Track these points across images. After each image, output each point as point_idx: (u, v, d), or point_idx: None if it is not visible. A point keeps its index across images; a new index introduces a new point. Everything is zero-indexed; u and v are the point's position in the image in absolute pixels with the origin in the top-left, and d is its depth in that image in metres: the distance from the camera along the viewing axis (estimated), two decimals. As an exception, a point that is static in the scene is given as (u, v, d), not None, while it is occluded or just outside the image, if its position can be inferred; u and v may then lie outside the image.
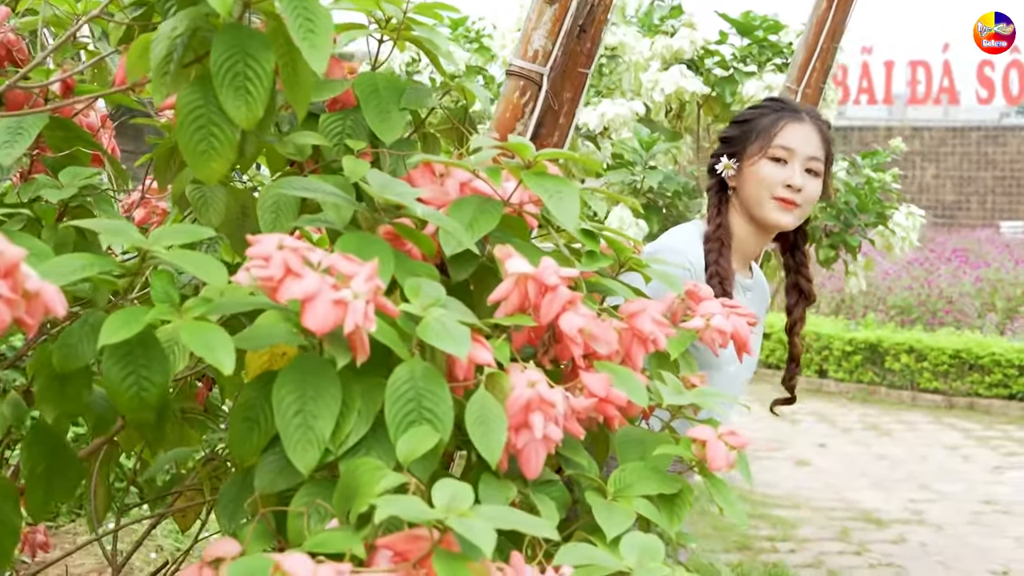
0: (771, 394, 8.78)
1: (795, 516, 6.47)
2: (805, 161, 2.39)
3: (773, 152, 2.39)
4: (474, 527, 1.15)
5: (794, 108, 2.45)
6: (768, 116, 2.43)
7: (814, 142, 2.41)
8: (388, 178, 1.53)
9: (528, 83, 1.94)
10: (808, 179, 2.39)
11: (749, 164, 2.41)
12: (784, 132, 2.40)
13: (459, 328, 1.34)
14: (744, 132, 2.45)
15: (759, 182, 2.39)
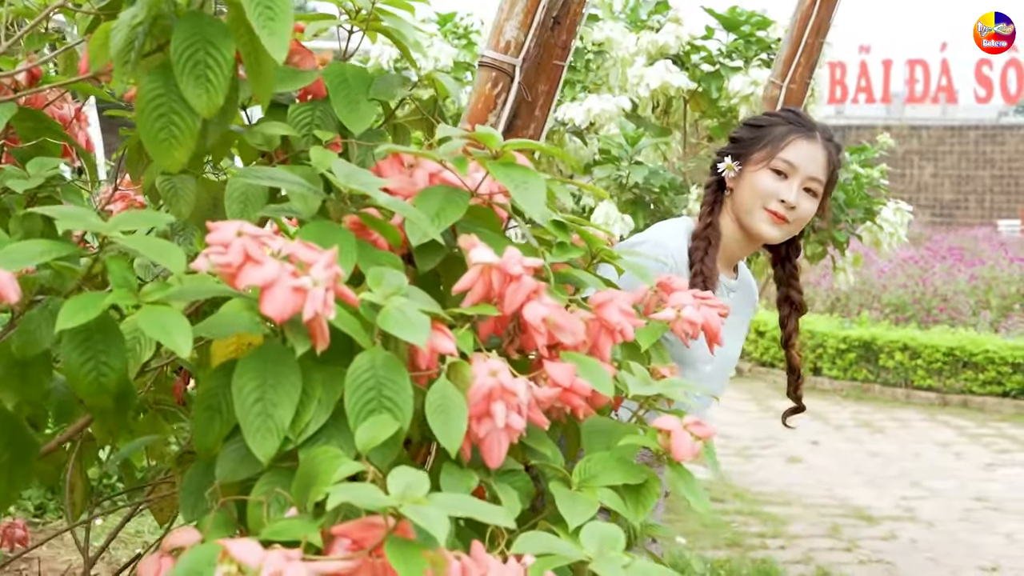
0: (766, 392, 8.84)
1: (786, 513, 6.47)
2: (805, 180, 2.38)
3: (776, 164, 2.37)
4: (428, 514, 1.15)
5: (809, 126, 2.43)
6: (781, 127, 2.41)
7: (819, 163, 2.39)
8: (353, 168, 1.53)
9: (500, 74, 1.94)
10: (804, 198, 2.38)
11: (750, 170, 2.40)
12: (791, 147, 2.38)
13: (419, 317, 1.34)
14: (753, 137, 2.44)
15: (754, 190, 2.38)
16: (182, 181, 1.77)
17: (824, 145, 2.41)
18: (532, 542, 1.29)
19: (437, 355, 1.40)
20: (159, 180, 1.76)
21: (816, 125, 2.45)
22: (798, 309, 2.57)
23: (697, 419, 1.53)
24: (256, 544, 1.07)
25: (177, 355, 1.24)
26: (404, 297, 1.38)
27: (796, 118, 2.43)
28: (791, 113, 2.45)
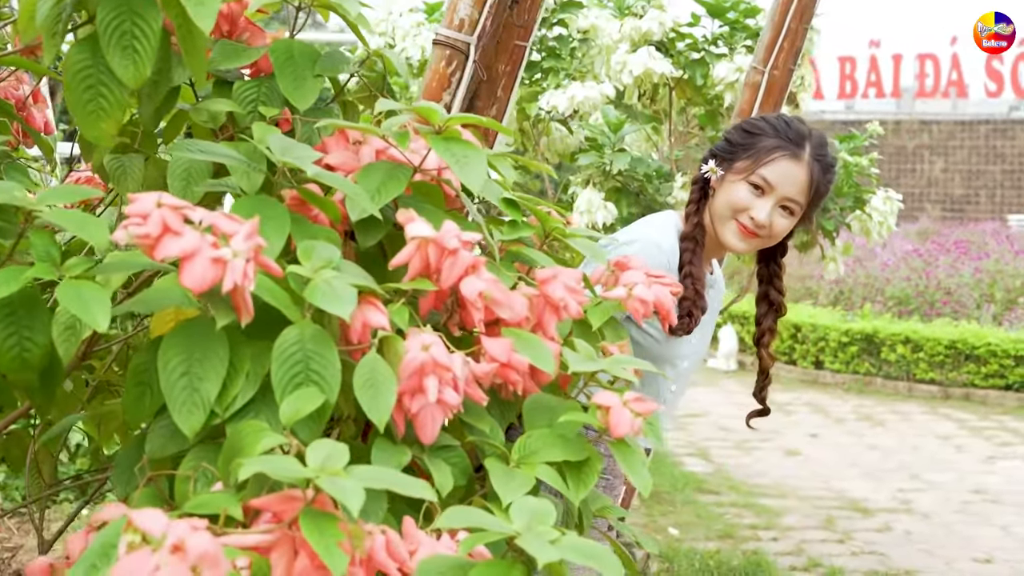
0: (765, 385, 8.66)
1: (781, 505, 6.45)
2: (781, 199, 2.33)
3: (754, 179, 2.33)
4: (344, 486, 1.14)
5: (799, 142, 2.35)
6: (770, 140, 2.35)
7: (799, 184, 2.33)
8: (291, 142, 1.51)
9: (454, 52, 1.92)
10: (779, 215, 2.34)
11: (731, 179, 2.36)
12: (774, 164, 2.33)
13: (346, 290, 1.32)
14: (743, 144, 2.38)
15: (729, 200, 2.35)
16: (130, 160, 1.76)
17: (809, 164, 2.35)
18: (458, 516, 1.27)
19: (370, 330, 1.39)
20: (107, 159, 1.75)
21: (808, 139, 2.37)
22: (776, 309, 2.54)
23: (639, 395, 1.51)
24: (161, 514, 1.05)
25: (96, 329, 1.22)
26: (334, 271, 1.37)
27: (788, 131, 2.36)
28: (785, 124, 2.37)
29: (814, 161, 2.34)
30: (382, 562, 1.23)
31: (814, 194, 2.35)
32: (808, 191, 2.34)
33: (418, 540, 1.32)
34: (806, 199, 2.34)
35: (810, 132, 2.38)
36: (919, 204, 20.69)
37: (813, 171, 2.33)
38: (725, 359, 12.09)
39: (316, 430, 1.32)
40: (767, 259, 2.53)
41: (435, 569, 1.26)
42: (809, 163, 2.33)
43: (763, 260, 2.54)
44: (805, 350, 11.47)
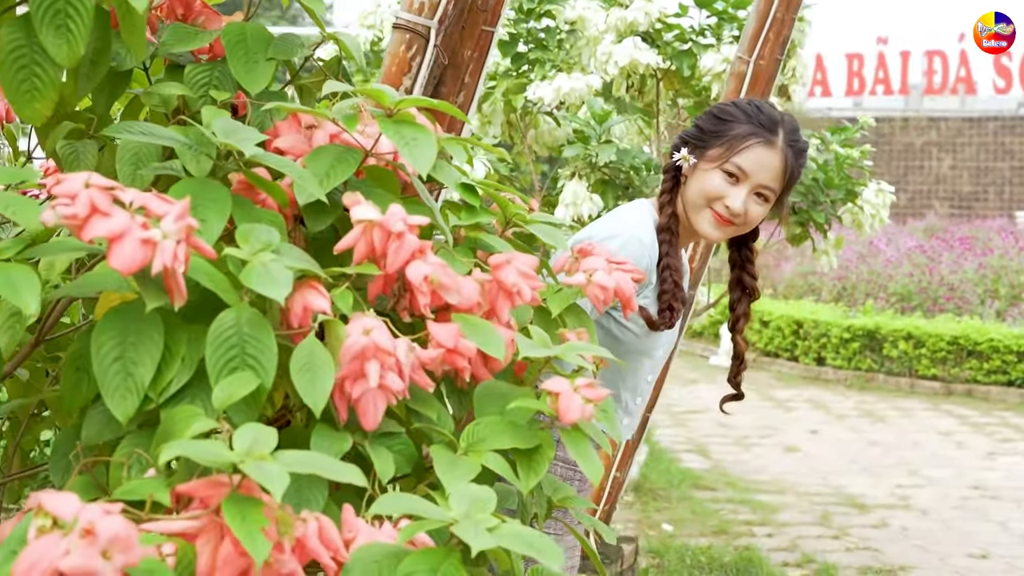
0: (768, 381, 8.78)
1: (778, 501, 6.42)
2: (756, 187, 2.30)
3: (728, 167, 2.29)
4: (269, 471, 1.11)
5: (772, 128, 2.32)
6: (743, 127, 2.31)
7: (774, 171, 2.30)
8: (237, 125, 1.49)
9: (414, 36, 1.90)
10: (753, 202, 2.31)
11: (704, 167, 2.32)
12: (747, 153, 2.29)
13: (283, 273, 1.30)
14: (715, 131, 2.34)
15: (703, 188, 2.31)
16: (84, 145, 1.73)
17: (783, 150, 2.31)
18: (393, 503, 1.24)
19: (311, 314, 1.37)
20: (60, 145, 1.73)
21: (780, 125, 2.34)
22: (750, 293, 2.50)
23: (591, 381, 1.48)
24: (74, 497, 1.03)
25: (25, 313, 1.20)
26: (273, 254, 1.34)
27: (760, 117, 2.32)
28: (756, 110, 2.33)
29: (787, 147, 2.31)
30: (314, 549, 1.20)
31: (788, 180, 2.32)
32: (783, 177, 2.31)
33: (357, 528, 1.29)
34: (780, 185, 2.31)
35: (782, 117, 2.35)
36: (927, 201, 20.65)
37: (787, 157, 2.31)
38: (727, 356, 12.04)
39: (251, 415, 1.29)
40: (738, 244, 2.50)
41: (370, 557, 1.23)
42: (783, 149, 2.30)
43: (734, 245, 2.51)
44: (807, 346, 11.43)
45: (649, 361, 2.41)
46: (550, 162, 4.95)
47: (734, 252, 2.51)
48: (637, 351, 2.35)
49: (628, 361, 2.33)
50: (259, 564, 1.08)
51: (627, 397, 2.37)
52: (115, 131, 1.44)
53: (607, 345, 2.30)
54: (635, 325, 2.31)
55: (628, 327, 2.31)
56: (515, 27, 4.38)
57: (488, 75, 4.57)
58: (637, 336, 2.32)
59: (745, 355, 2.56)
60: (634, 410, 2.42)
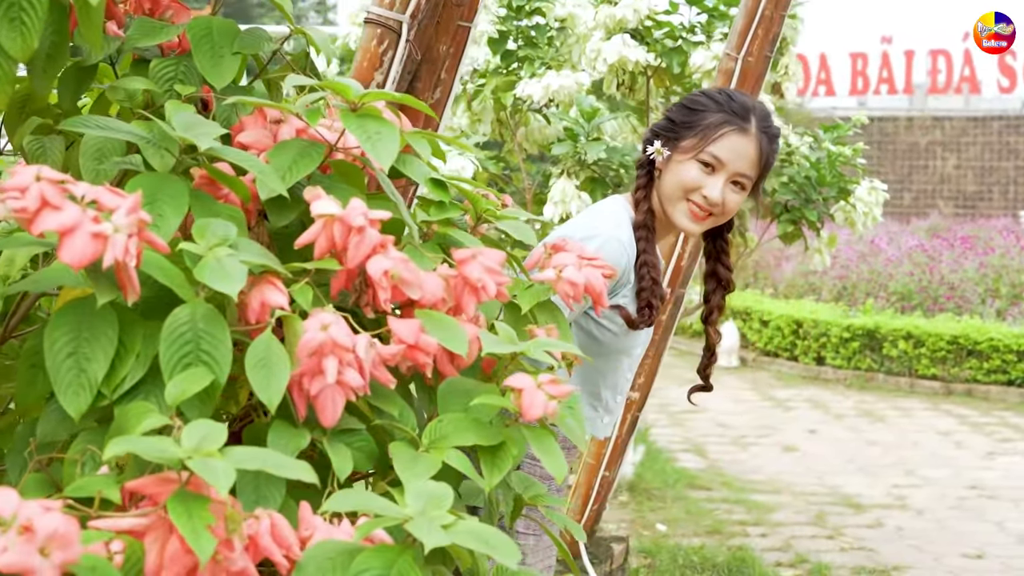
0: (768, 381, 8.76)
1: (773, 501, 6.40)
2: (733, 175, 2.29)
3: (703, 157, 2.27)
4: (215, 467, 1.10)
5: (744, 115, 2.30)
6: (715, 115, 2.29)
7: (750, 158, 2.29)
8: (197, 119, 1.48)
9: (386, 31, 1.88)
10: (731, 191, 2.29)
11: (678, 158, 2.30)
12: (722, 141, 2.27)
13: (236, 267, 1.28)
14: (687, 122, 2.32)
15: (679, 180, 2.29)
16: (51, 141, 1.73)
17: (757, 138, 2.30)
18: (346, 499, 1.23)
19: (269, 310, 1.35)
20: (27, 140, 1.72)
21: (753, 111, 2.32)
22: (724, 285, 2.48)
23: (554, 378, 1.47)
24: (13, 494, 1.02)
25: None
26: (229, 248, 1.33)
27: (732, 104, 2.30)
28: (727, 98, 2.32)
29: (761, 133, 2.30)
30: (266, 547, 1.20)
31: (763, 166, 2.31)
32: (758, 164, 2.30)
33: (314, 525, 1.29)
34: (756, 172, 2.30)
35: (753, 104, 2.33)
36: (931, 201, 20.62)
37: (761, 143, 2.29)
38: (727, 355, 12.01)
39: (205, 411, 1.28)
40: (713, 236, 2.48)
41: (324, 555, 1.22)
42: (757, 136, 2.29)
43: (709, 237, 2.48)
44: (806, 346, 11.41)
45: (627, 359, 2.40)
46: (543, 160, 4.93)
47: (709, 244, 2.49)
48: (616, 350, 2.33)
49: (608, 360, 2.32)
50: (203, 561, 1.07)
51: (607, 395, 2.36)
52: (73, 125, 1.43)
53: (586, 345, 2.29)
54: (614, 325, 2.29)
55: (607, 327, 2.29)
56: (505, 24, 4.37)
57: (477, 73, 4.57)
58: (616, 335, 2.30)
59: (716, 347, 2.54)
60: (614, 408, 2.40)
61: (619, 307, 2.26)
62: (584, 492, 4.06)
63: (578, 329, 2.29)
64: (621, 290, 2.26)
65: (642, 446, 7.29)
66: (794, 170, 4.46)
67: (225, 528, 1.13)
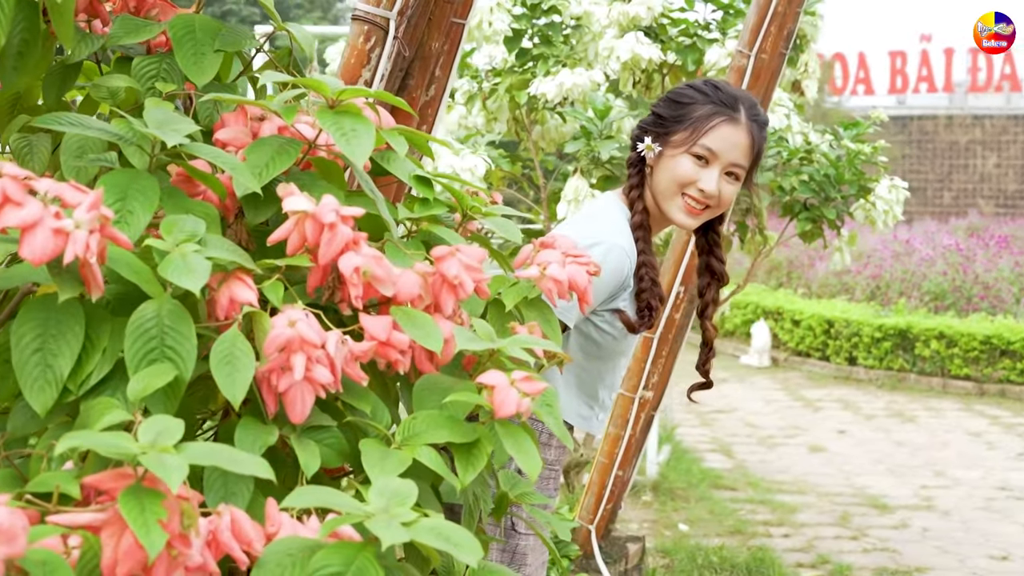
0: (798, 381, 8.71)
1: (798, 501, 6.36)
2: (727, 166, 2.27)
3: (696, 150, 2.26)
4: (167, 462, 1.10)
5: (733, 105, 2.28)
6: (704, 107, 2.27)
7: (742, 148, 2.27)
8: (171, 116, 1.48)
9: (373, 28, 1.88)
10: (725, 183, 2.28)
11: (670, 152, 2.28)
12: (714, 133, 2.26)
13: (200, 264, 1.29)
14: (675, 116, 2.30)
15: (673, 175, 2.27)
16: (38, 139, 1.73)
17: (748, 127, 2.28)
18: (305, 496, 1.23)
19: (238, 306, 1.35)
20: (14, 138, 1.73)
21: (741, 101, 2.30)
22: (719, 279, 2.46)
23: (528, 375, 1.46)
24: (-40, 489, 1.02)
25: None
26: (196, 245, 1.33)
27: (719, 95, 2.28)
28: (714, 88, 2.30)
29: (751, 122, 2.28)
30: (225, 542, 1.19)
31: (755, 155, 2.29)
32: (751, 153, 2.28)
33: (279, 522, 1.28)
34: (749, 161, 2.28)
35: (740, 92, 2.31)
36: (971, 200, 20.46)
37: (752, 132, 2.27)
38: (758, 355, 11.97)
39: (170, 407, 1.28)
40: (705, 230, 2.46)
41: (285, 551, 1.22)
42: (747, 124, 2.27)
43: (701, 231, 2.46)
44: (838, 346, 11.34)
45: (624, 359, 2.39)
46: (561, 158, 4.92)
47: (701, 238, 2.47)
48: (615, 352, 2.32)
49: (606, 362, 2.31)
50: (152, 556, 1.06)
51: (604, 395, 2.35)
52: (45, 122, 1.43)
53: (586, 348, 2.28)
54: (614, 329, 2.27)
55: (607, 331, 2.27)
56: (520, 23, 4.36)
57: (492, 71, 4.56)
58: (615, 339, 2.29)
59: (713, 342, 2.52)
60: (608, 405, 2.40)
61: (619, 311, 2.25)
62: (597, 491, 4.05)
63: (577, 333, 2.28)
64: (622, 294, 2.25)
65: (668, 446, 7.27)
66: (813, 168, 4.43)
67: (180, 523, 1.13)
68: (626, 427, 3.95)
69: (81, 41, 1.68)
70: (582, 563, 3.94)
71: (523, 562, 2.26)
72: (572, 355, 2.28)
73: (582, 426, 2.36)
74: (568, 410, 2.31)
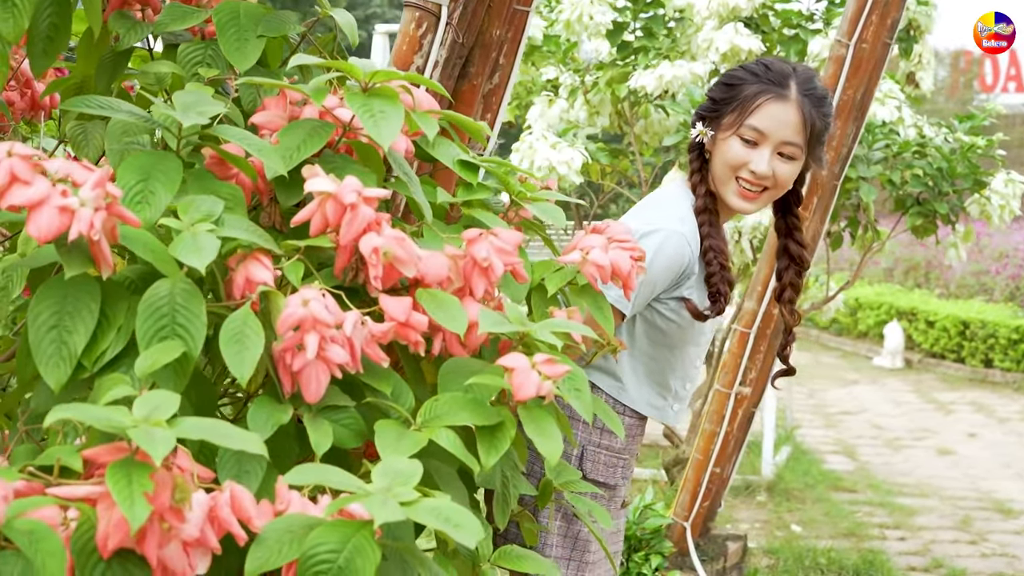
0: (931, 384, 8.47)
1: (919, 504, 6.20)
2: (778, 145, 2.20)
3: (743, 132, 2.20)
4: (153, 435, 1.11)
5: (782, 82, 2.21)
6: (751, 86, 2.21)
7: (792, 125, 2.20)
8: (198, 97, 1.49)
9: (424, 14, 1.87)
10: (780, 163, 2.21)
11: (721, 136, 2.23)
12: (760, 111, 2.19)
13: (208, 242, 1.29)
14: (726, 97, 2.25)
15: (725, 160, 2.22)
16: (93, 126, 1.77)
17: (799, 101, 2.20)
18: (304, 474, 1.23)
19: (256, 286, 1.36)
20: (71, 126, 1.77)
21: (792, 76, 2.23)
22: (798, 263, 2.39)
23: (550, 358, 1.44)
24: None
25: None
26: (212, 224, 1.34)
27: (768, 72, 2.22)
28: (764, 68, 2.23)
29: (803, 97, 2.20)
30: (224, 518, 1.20)
31: (811, 132, 2.21)
32: (804, 130, 2.19)
33: (288, 500, 1.29)
34: (804, 139, 2.20)
35: (794, 68, 2.23)
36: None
37: (803, 108, 2.19)
38: (891, 356, 11.71)
39: (180, 383, 1.29)
40: (783, 212, 2.39)
41: (285, 528, 1.22)
42: (798, 100, 2.19)
43: (779, 213, 2.40)
44: (974, 347, 11.03)
45: (695, 348, 2.33)
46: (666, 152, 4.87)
47: (780, 220, 2.41)
48: (683, 341, 2.27)
49: (674, 350, 2.26)
50: (135, 527, 1.07)
51: (676, 384, 2.31)
52: (73, 105, 1.45)
53: (652, 336, 2.24)
54: (679, 317, 2.23)
55: (672, 319, 2.23)
56: (622, 15, 4.32)
57: (594, 65, 4.53)
58: (681, 327, 2.24)
59: (793, 328, 2.45)
60: (684, 396, 2.35)
61: (685, 299, 2.21)
62: (692, 488, 3.99)
63: (642, 320, 2.24)
64: (686, 282, 2.20)
65: (787, 447, 7.15)
66: (925, 162, 4.31)
67: (171, 497, 1.14)
68: (722, 423, 3.89)
69: (131, 29, 1.71)
70: (677, 560, 3.89)
71: (587, 548, 2.24)
72: (639, 343, 2.25)
73: (656, 416, 2.32)
74: (639, 400, 2.27)
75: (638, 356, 2.26)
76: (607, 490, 2.28)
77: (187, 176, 1.46)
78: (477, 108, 2.18)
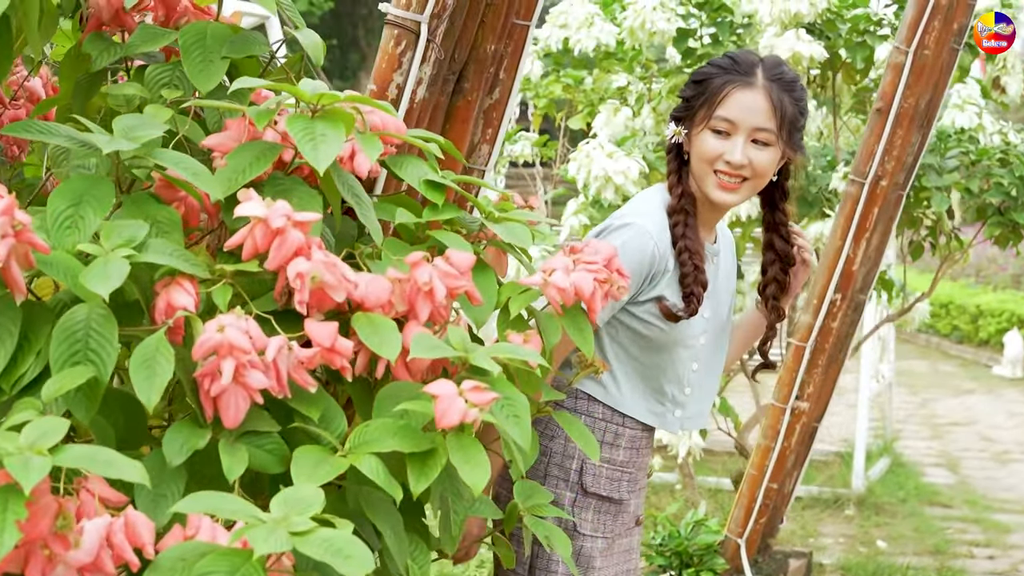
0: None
1: (1015, 522, 6.00)
2: (751, 133, 2.18)
3: (714, 124, 2.19)
4: (27, 462, 1.12)
5: (746, 70, 2.20)
6: (718, 79, 2.21)
7: (762, 111, 2.17)
8: (140, 121, 1.51)
9: (403, 32, 1.86)
10: (754, 151, 2.18)
11: (695, 132, 2.23)
12: (728, 101, 2.18)
13: (117, 269, 1.30)
14: (695, 94, 2.24)
15: (700, 154, 2.21)
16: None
17: (766, 87, 2.18)
18: (199, 502, 1.24)
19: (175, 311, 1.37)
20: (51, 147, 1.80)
21: (759, 64, 2.22)
22: (782, 258, 2.35)
23: (477, 385, 1.42)
24: None
25: None
26: (131, 249, 1.36)
27: (732, 64, 2.21)
28: (731, 61, 2.22)
29: (770, 83, 2.17)
30: (118, 544, 1.21)
31: (781, 115, 2.17)
32: (775, 115, 2.16)
33: (197, 526, 1.29)
34: (775, 124, 2.16)
35: (761, 58, 2.23)
36: None
37: (771, 93, 2.17)
38: (1011, 365, 11.37)
39: (91, 409, 1.31)
40: (771, 207, 2.36)
41: (179, 555, 1.23)
42: (765, 86, 2.17)
43: (767, 207, 2.37)
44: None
45: (687, 350, 2.29)
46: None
47: (767, 213, 2.38)
48: (670, 342, 2.24)
49: (662, 354, 2.24)
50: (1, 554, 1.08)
51: (671, 389, 2.27)
52: (12, 131, 1.48)
53: (636, 342, 2.22)
54: (656, 319, 2.21)
55: (651, 322, 2.21)
56: (686, 21, 4.27)
57: (660, 72, 4.48)
58: (663, 329, 2.22)
59: (776, 325, 2.40)
60: (684, 400, 2.30)
61: (659, 299, 2.19)
62: (747, 504, 3.92)
63: (623, 327, 2.22)
64: (660, 279, 2.19)
65: (885, 459, 6.99)
66: (1007, 170, 4.17)
67: (52, 524, 1.16)
68: (776, 438, 3.80)
69: (104, 51, 1.73)
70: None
71: (590, 565, 2.22)
72: (628, 351, 2.23)
73: (658, 424, 2.30)
74: (639, 408, 2.26)
75: (629, 364, 2.25)
76: (612, 504, 2.26)
77: (125, 200, 1.48)
78: (476, 123, 2.16)
